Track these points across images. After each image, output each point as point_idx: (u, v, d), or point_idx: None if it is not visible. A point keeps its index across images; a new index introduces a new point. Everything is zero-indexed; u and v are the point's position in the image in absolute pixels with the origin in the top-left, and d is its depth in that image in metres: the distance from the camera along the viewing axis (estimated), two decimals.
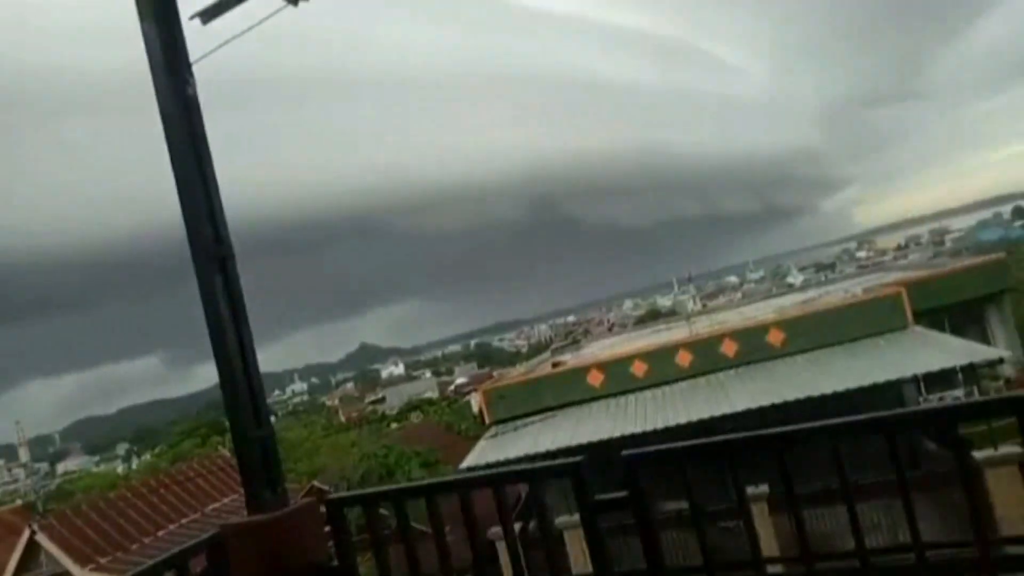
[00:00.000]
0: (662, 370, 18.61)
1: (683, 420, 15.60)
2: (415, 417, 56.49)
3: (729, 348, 18.27)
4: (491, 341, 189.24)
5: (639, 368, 18.84)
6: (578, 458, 2.52)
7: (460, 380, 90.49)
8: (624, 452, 2.35)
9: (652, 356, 19.02)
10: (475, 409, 40.56)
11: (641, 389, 18.62)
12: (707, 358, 18.39)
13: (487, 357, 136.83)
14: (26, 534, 17.90)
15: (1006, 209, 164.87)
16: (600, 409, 18.30)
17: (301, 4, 3.87)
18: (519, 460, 16.88)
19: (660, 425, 15.75)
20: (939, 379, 16.82)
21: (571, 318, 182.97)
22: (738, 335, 18.55)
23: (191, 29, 3.10)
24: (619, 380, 18.84)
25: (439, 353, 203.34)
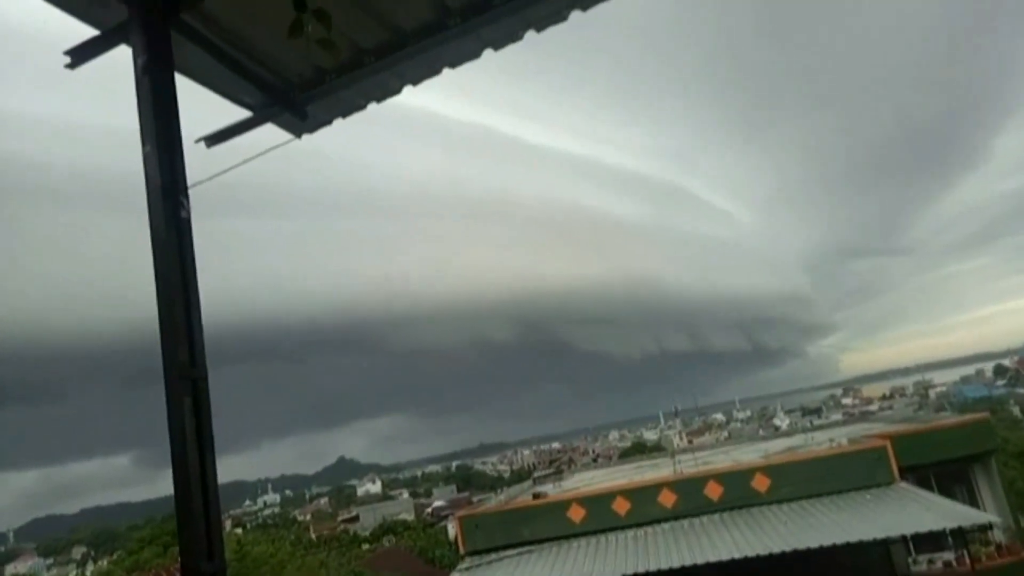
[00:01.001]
0: (645, 509, 18.05)
1: (664, 565, 14.99)
2: (388, 541, 53.99)
3: (714, 491, 17.81)
4: (473, 463, 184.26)
5: (621, 506, 18.27)
6: None
7: (438, 503, 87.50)
8: None
9: (635, 494, 18.49)
10: (452, 535, 38.94)
11: (623, 528, 17.99)
12: (691, 500, 17.89)
13: (467, 480, 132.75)
14: None
15: (988, 366, 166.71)
16: (579, 547, 17.58)
17: (304, 136, 4.07)
18: None
19: (640, 569, 15.11)
20: (928, 540, 16.33)
21: (556, 445, 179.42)
22: (723, 478, 18.13)
23: (189, 148, 3.22)
24: (600, 517, 18.23)
25: (418, 472, 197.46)
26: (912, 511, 15.36)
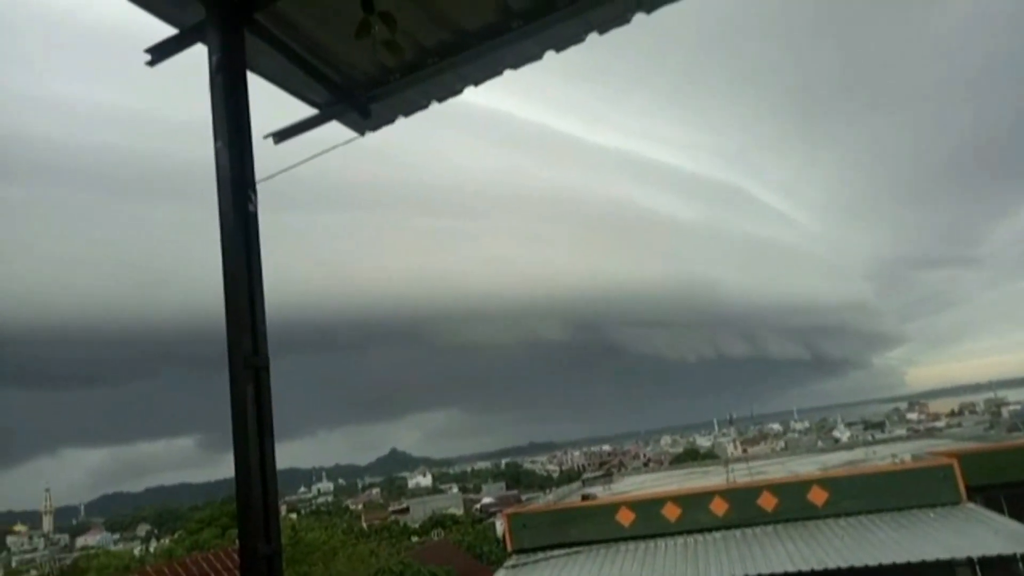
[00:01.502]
0: (695, 517, 17.77)
1: (714, 575, 14.75)
2: (436, 534, 54.58)
3: (768, 502, 17.41)
4: (522, 462, 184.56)
5: (672, 511, 18.03)
6: None
7: (487, 499, 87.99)
8: None
9: (686, 500, 18.22)
10: (499, 532, 39.16)
11: (672, 534, 17.75)
12: (744, 510, 17.53)
13: (517, 478, 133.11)
14: None
15: None
16: (627, 551, 17.44)
17: (367, 133, 4.15)
18: None
19: None
20: (997, 565, 15.60)
21: (606, 447, 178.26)
22: (778, 489, 17.70)
23: (258, 144, 3.33)
24: (650, 522, 18.03)
25: (468, 468, 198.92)
26: (979, 533, 14.71)
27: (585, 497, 22.04)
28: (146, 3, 3.08)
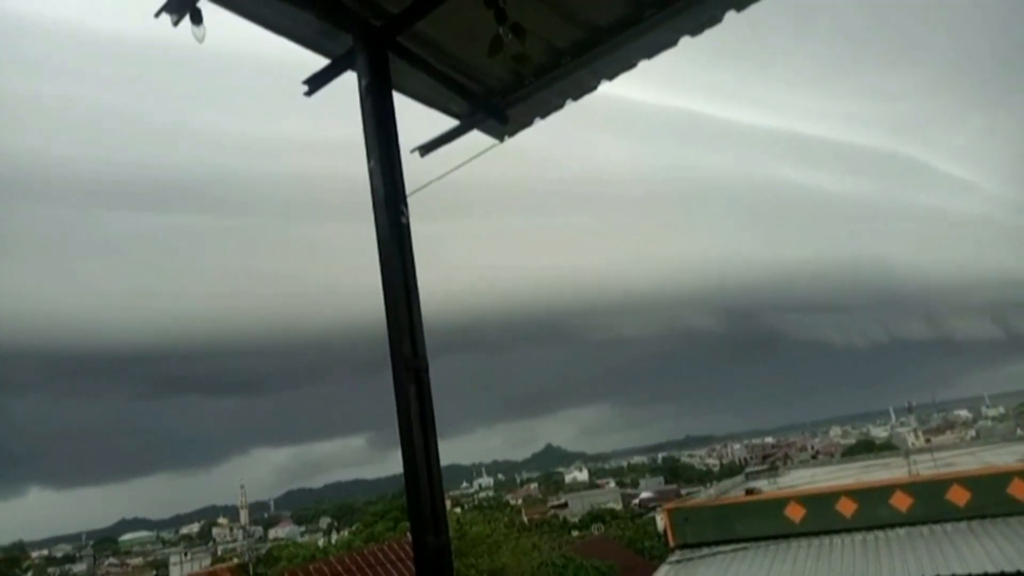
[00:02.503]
0: (874, 512, 16.56)
1: (900, 574, 13.69)
2: (596, 529, 54.66)
3: (959, 496, 15.89)
4: (679, 456, 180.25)
5: (847, 506, 16.92)
6: None
7: (645, 494, 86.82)
8: None
9: (863, 495, 17.02)
10: (659, 527, 38.57)
11: (848, 531, 16.66)
12: (930, 505, 16.10)
13: (675, 472, 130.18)
14: None
15: None
16: (799, 547, 16.57)
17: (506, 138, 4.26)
18: None
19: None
20: None
21: (769, 440, 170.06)
22: (971, 482, 16.11)
23: (404, 157, 3.51)
24: (822, 517, 17.01)
25: (624, 463, 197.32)
26: None
27: (749, 491, 21.21)
28: (300, 38, 3.35)
